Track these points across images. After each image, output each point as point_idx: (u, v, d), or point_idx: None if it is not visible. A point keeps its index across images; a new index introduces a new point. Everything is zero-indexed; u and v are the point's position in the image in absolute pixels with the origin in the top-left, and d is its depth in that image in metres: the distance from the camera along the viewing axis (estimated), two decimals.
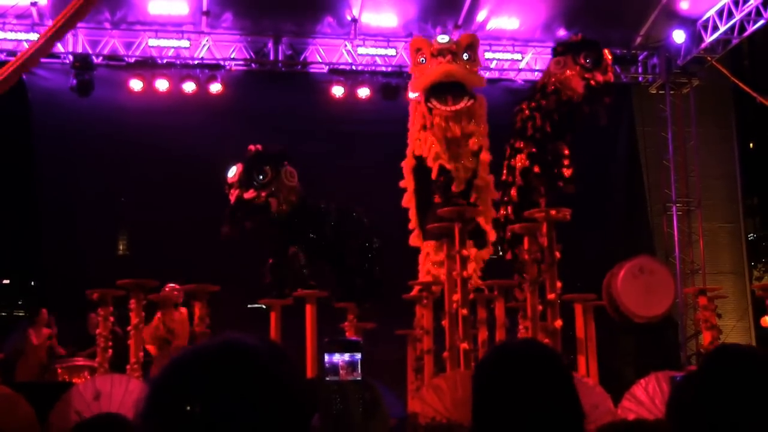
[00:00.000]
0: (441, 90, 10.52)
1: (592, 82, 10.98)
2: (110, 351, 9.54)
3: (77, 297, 10.02)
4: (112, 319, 9.73)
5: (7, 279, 11.98)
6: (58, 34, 11.24)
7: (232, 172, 10.95)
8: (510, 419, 2.05)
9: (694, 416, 1.96)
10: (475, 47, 11.06)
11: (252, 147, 11.28)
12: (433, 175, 10.66)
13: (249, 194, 10.75)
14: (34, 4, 14.08)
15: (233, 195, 10.76)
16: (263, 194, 10.78)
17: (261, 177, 10.87)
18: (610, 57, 11.46)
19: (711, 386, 1.96)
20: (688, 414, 1.98)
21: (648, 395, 8.43)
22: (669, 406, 2.05)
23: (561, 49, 11.39)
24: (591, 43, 11.26)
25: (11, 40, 14.49)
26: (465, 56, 10.70)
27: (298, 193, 11.18)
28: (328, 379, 1.42)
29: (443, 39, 10.87)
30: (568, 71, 11.06)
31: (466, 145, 10.61)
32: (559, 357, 2.18)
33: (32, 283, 14.05)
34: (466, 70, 10.63)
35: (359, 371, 1.42)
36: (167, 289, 10.62)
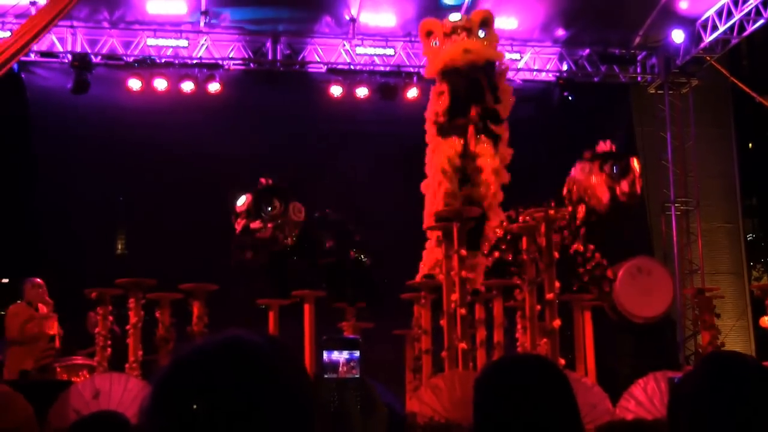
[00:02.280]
0: (456, 74, 10.25)
1: (618, 192, 10.91)
2: (109, 350, 9.58)
3: (76, 295, 10.03)
4: (110, 318, 9.75)
5: (5, 278, 11.99)
6: (49, 23, 11.25)
7: (241, 201, 11.11)
8: (510, 427, 2.08)
9: (692, 418, 2.00)
10: (490, 22, 10.64)
11: (263, 180, 11.48)
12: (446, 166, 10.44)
13: (255, 224, 10.92)
14: (33, 3, 14.08)
15: (239, 224, 10.96)
16: (270, 226, 10.95)
17: (270, 209, 11.04)
18: (638, 169, 11.26)
19: (706, 392, 1.99)
20: (686, 416, 2.01)
21: (646, 395, 8.45)
22: (669, 408, 2.08)
23: (589, 156, 11.25)
24: (620, 154, 11.21)
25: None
26: (480, 33, 10.36)
27: (300, 226, 11.39)
28: (326, 376, 1.45)
29: (455, 17, 10.53)
30: (593, 178, 10.99)
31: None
32: (562, 372, 2.20)
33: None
34: (483, 45, 10.30)
35: (357, 369, 1.44)
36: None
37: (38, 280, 10.55)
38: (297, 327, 10.16)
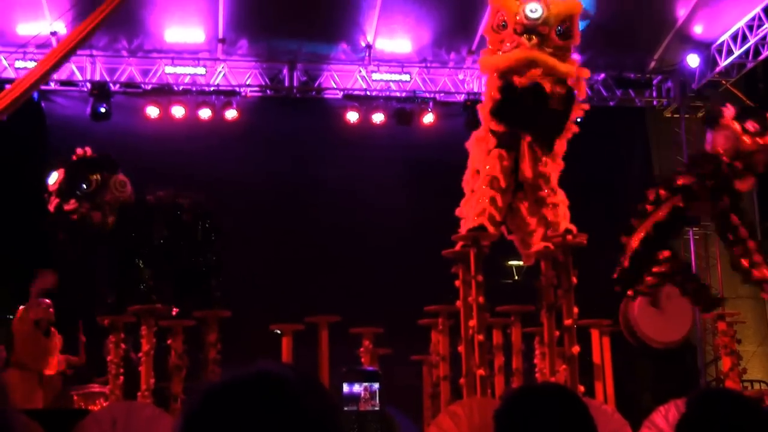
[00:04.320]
0: (522, 104, 8.83)
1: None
2: (121, 377, 9.49)
3: (91, 322, 10.00)
4: (123, 345, 9.67)
5: (22, 304, 12.04)
6: (70, 52, 11.32)
7: (53, 178, 9.79)
8: None
9: None
10: (574, 19, 8.99)
11: (80, 150, 10.07)
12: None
13: (70, 205, 9.65)
14: (54, 33, 14.22)
15: (53, 203, 9.71)
16: (85, 206, 9.70)
17: (85, 186, 9.72)
18: None
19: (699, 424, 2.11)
20: None
21: (668, 423, 8.32)
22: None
23: (727, 118, 10.49)
24: (753, 108, 10.61)
25: (31, 68, 14.61)
26: (558, 31, 8.77)
27: (129, 203, 10.06)
28: (346, 408, 1.40)
29: (534, 13, 8.61)
30: (744, 140, 10.35)
31: None
32: (582, 402, 2.18)
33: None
34: (550, 58, 8.71)
35: (377, 401, 1.40)
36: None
37: (45, 300, 10.51)
38: (311, 352, 10.09)
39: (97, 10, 10.67)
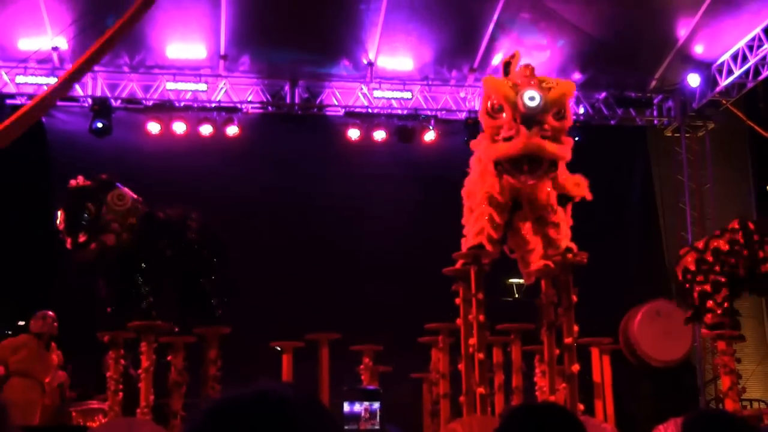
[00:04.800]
0: (514, 162, 8.73)
1: None
2: (121, 394, 9.46)
3: (91, 339, 9.98)
4: (123, 362, 9.65)
5: (22, 320, 12.03)
6: (77, 75, 11.36)
7: (58, 218, 9.94)
8: None
9: None
10: (566, 101, 8.99)
11: (72, 182, 10.10)
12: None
13: (82, 238, 9.73)
14: (55, 49, 14.28)
15: (68, 243, 9.80)
16: (94, 235, 9.74)
17: (86, 216, 9.75)
18: None
19: None
20: None
21: None
22: None
23: None
24: None
25: (32, 84, 14.67)
26: (555, 114, 8.75)
27: (137, 212, 10.06)
28: (347, 427, 1.40)
29: (532, 101, 8.55)
30: None
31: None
32: (580, 423, 2.18)
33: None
34: (550, 143, 8.67)
35: (378, 420, 1.40)
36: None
37: (48, 312, 10.50)
38: (311, 369, 10.07)
39: (103, 37, 10.68)
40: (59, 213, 9.97)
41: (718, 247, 11.00)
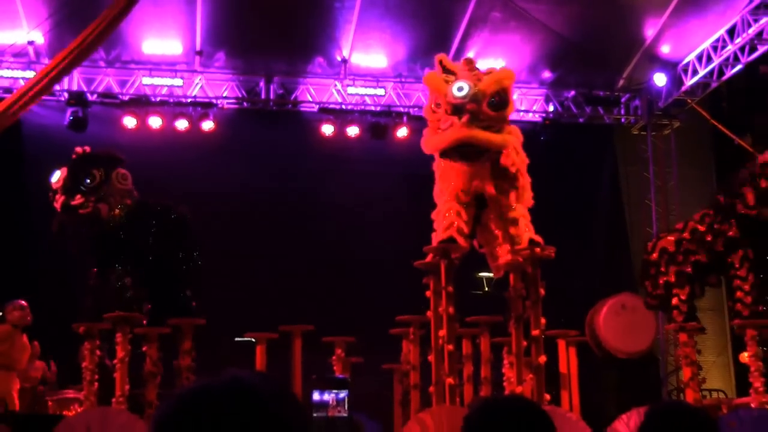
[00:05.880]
0: (454, 151, 8.74)
1: None
2: (96, 384, 9.44)
3: (67, 329, 9.94)
4: (98, 352, 9.63)
5: None
6: (58, 77, 11.29)
7: (56, 176, 9.90)
8: None
9: None
10: (507, 89, 8.87)
11: (79, 149, 10.19)
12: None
13: (76, 201, 9.74)
14: (31, 43, 14.18)
15: (59, 202, 9.79)
16: (92, 200, 9.77)
17: (88, 181, 9.81)
18: None
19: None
20: None
21: (629, 430, 8.43)
22: None
23: None
24: None
25: (8, 77, 14.58)
26: (490, 103, 8.60)
27: (132, 197, 10.14)
28: (315, 415, 1.44)
29: (460, 92, 8.49)
30: None
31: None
32: (546, 414, 2.23)
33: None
34: (484, 132, 8.56)
35: (345, 408, 1.44)
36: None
37: (22, 302, 10.39)
38: (285, 360, 10.11)
39: (85, 38, 10.62)
40: (60, 171, 9.92)
41: (682, 239, 11.15)
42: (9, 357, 10.09)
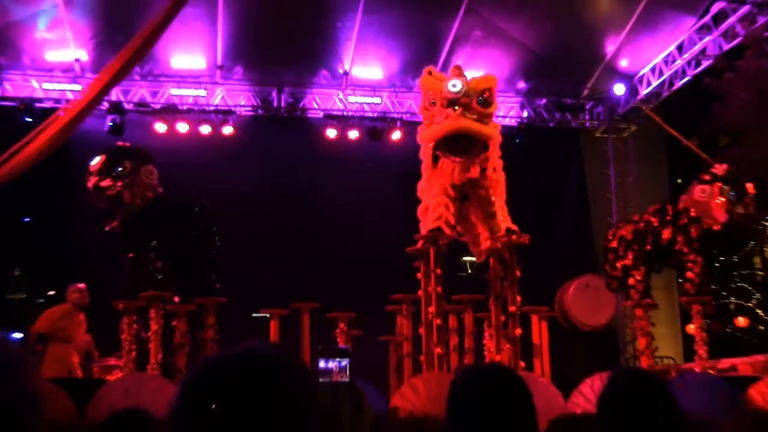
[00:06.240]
0: (449, 142, 8.79)
1: (735, 213, 10.38)
2: (133, 353, 9.52)
3: (108, 307, 9.98)
4: (135, 326, 9.70)
5: (53, 290, 12.14)
6: (110, 85, 11.28)
7: (95, 160, 10.13)
8: (478, 427, 2.14)
9: (610, 414, 2.29)
10: (492, 91, 8.98)
11: (120, 143, 10.55)
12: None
13: (105, 183, 9.92)
14: (77, 60, 14.21)
15: (91, 182, 9.99)
16: (119, 185, 9.93)
17: (120, 169, 9.99)
18: (752, 192, 10.50)
19: (615, 397, 2.29)
20: (607, 411, 2.30)
21: (593, 392, 8.44)
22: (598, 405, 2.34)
23: (708, 179, 10.57)
24: (737, 179, 10.49)
25: (57, 90, 14.62)
26: (479, 101, 8.73)
27: (155, 191, 10.27)
28: (321, 380, 1.46)
29: (455, 87, 8.66)
30: (714, 200, 10.39)
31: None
32: (521, 379, 2.25)
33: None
34: (476, 123, 8.69)
35: (347, 374, 1.46)
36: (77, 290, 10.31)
37: (81, 285, 10.50)
38: (295, 333, 10.13)
39: (123, 53, 10.60)
40: (99, 157, 10.13)
41: (637, 229, 11.19)
42: (68, 331, 10.21)
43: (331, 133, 15.71)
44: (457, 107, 8.60)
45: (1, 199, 10.10)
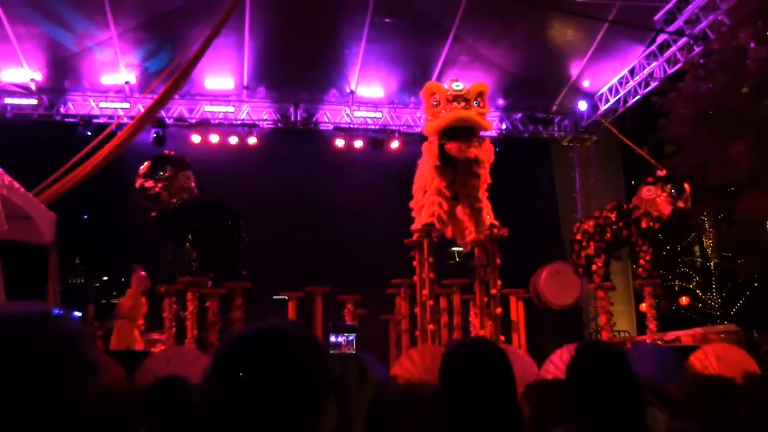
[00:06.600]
0: (454, 132, 8.90)
1: (677, 207, 10.67)
2: (173, 329, 9.54)
3: (152, 290, 10.00)
4: (175, 306, 9.71)
5: (106, 276, 12.18)
6: (160, 104, 11.35)
7: (143, 165, 10.34)
8: (466, 392, 2.14)
9: (577, 379, 2.28)
10: (485, 94, 9.21)
11: (166, 151, 10.84)
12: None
13: (148, 184, 10.12)
14: (127, 83, 14.24)
15: (138, 183, 10.19)
16: (159, 186, 10.09)
17: (161, 173, 10.16)
18: (689, 189, 10.84)
19: (579, 366, 2.30)
20: (574, 377, 2.30)
21: (562, 361, 8.44)
22: (566, 372, 2.34)
23: (652, 180, 10.91)
24: (677, 178, 10.82)
25: (111, 108, 14.62)
26: (475, 103, 8.97)
27: (191, 193, 10.36)
28: (332, 352, 1.46)
29: (458, 86, 8.93)
30: (658, 197, 10.70)
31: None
32: (501, 350, 2.25)
33: (122, 279, 14.06)
34: (476, 115, 8.92)
35: (353, 347, 1.46)
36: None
37: (143, 272, 10.75)
38: (309, 312, 10.13)
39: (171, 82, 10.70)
40: (147, 162, 10.34)
41: (598, 223, 11.19)
42: (133, 312, 10.27)
43: (340, 142, 15.70)
44: (461, 102, 8.80)
45: (64, 200, 10.12)
